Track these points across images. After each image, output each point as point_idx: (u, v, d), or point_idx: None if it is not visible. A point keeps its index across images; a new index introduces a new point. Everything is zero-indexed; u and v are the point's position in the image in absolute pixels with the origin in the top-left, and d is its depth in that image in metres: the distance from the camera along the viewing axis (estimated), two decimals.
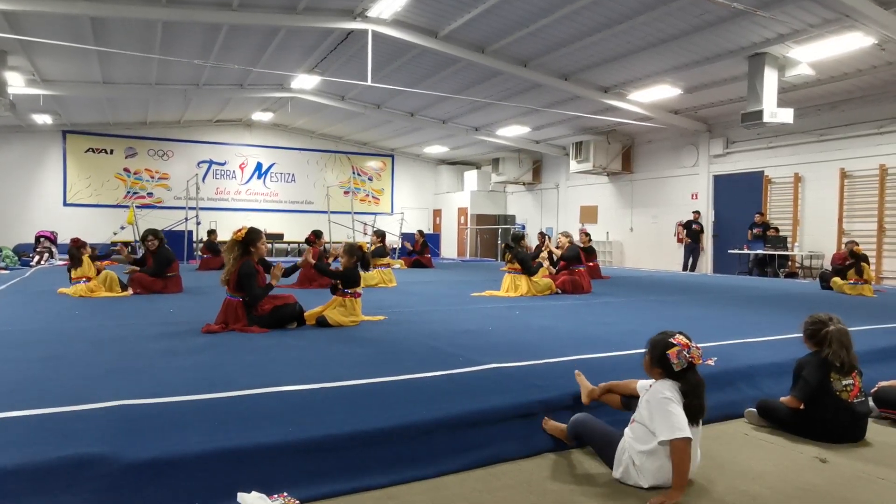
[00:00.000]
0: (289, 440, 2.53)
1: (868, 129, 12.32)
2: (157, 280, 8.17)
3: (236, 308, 5.20)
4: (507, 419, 2.99)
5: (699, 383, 2.62)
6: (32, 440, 2.41)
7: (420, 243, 15.41)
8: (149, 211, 19.21)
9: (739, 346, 4.60)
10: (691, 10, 9.69)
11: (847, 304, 7.72)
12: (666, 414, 2.50)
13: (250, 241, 5.29)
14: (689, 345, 2.61)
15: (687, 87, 13.09)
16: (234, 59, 13.30)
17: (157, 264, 8.17)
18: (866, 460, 2.96)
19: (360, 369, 3.64)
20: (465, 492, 2.53)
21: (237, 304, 5.21)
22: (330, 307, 5.52)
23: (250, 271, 5.19)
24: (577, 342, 4.60)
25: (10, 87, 12.63)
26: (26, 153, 18.82)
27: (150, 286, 8.10)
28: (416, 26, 11.75)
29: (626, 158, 17.90)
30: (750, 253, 13.93)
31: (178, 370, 3.64)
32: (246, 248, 5.27)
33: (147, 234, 8.33)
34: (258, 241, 5.34)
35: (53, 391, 3.11)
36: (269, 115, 19.57)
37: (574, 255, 9.23)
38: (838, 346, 3.23)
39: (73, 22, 10.72)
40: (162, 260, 8.22)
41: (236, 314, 5.17)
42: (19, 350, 4.19)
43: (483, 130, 18.96)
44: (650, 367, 2.68)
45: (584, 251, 10.15)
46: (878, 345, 4.68)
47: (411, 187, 24.57)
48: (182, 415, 2.76)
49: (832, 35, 9.69)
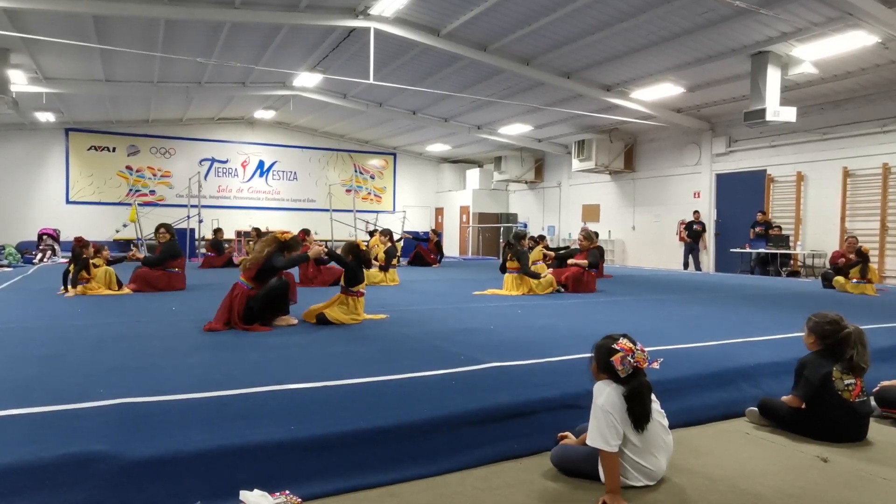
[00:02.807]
0: (291, 438, 2.54)
1: (871, 127, 12.28)
2: (160, 276, 8.21)
3: (243, 295, 5.24)
4: (508, 418, 2.99)
5: (644, 389, 2.56)
6: (35, 438, 2.42)
7: (434, 242, 15.41)
8: (151, 209, 19.21)
9: (741, 344, 4.60)
10: (694, 8, 9.67)
11: (849, 303, 7.71)
12: (595, 421, 2.50)
13: (287, 246, 5.58)
14: (633, 349, 2.55)
15: (689, 86, 13.07)
16: (237, 57, 13.31)
17: (161, 253, 8.34)
18: (868, 460, 2.96)
19: (362, 368, 3.64)
20: (465, 490, 2.53)
21: (245, 292, 5.26)
22: (332, 305, 5.53)
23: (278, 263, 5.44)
24: (578, 341, 4.59)
25: (13, 85, 12.65)
26: (29, 151, 18.86)
27: (154, 282, 8.13)
28: (419, 24, 11.75)
29: (629, 157, 17.88)
30: (752, 252, 13.92)
31: (180, 368, 3.65)
32: (282, 250, 5.54)
33: (160, 227, 8.59)
34: (294, 249, 5.66)
35: (56, 389, 3.11)
36: (271, 113, 19.57)
37: (595, 262, 9.08)
38: (861, 347, 3.22)
39: (76, 20, 10.73)
40: (167, 250, 8.34)
41: (241, 300, 5.21)
42: (22, 348, 4.20)
43: (485, 129, 18.95)
44: (597, 372, 2.65)
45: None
46: (881, 344, 4.66)
47: (413, 185, 24.57)
48: (184, 413, 2.76)
49: (835, 33, 9.66)
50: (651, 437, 2.57)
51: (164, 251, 8.37)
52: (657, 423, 2.62)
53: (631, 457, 2.54)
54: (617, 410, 2.49)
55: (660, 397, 2.76)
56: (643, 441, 2.54)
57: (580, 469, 2.65)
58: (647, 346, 2.72)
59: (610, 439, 2.45)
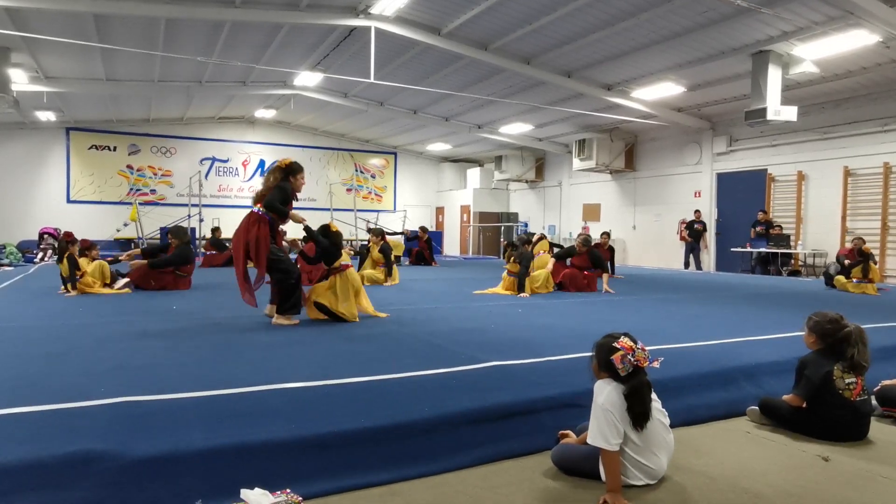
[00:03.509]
0: (291, 437, 2.54)
1: (872, 126, 12.27)
2: (168, 275, 8.23)
3: (258, 221, 5.33)
4: (508, 417, 2.99)
5: (644, 387, 2.55)
6: (36, 436, 2.42)
7: (423, 240, 15.32)
8: (151, 208, 19.24)
9: (742, 343, 4.60)
10: (695, 7, 9.66)
11: (850, 303, 7.71)
12: (595, 420, 2.51)
13: (291, 171, 5.57)
14: (633, 348, 2.54)
15: (690, 85, 13.05)
16: (237, 56, 13.31)
17: (174, 256, 8.35)
18: (869, 459, 2.96)
19: (363, 367, 3.64)
20: (466, 489, 2.54)
21: (260, 217, 5.36)
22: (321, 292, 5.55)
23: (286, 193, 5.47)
24: (578, 340, 4.59)
25: (14, 84, 12.65)
26: (30, 150, 18.86)
27: (158, 279, 8.14)
28: (419, 23, 11.74)
29: (629, 156, 17.87)
30: (753, 251, 13.91)
31: (181, 367, 3.65)
32: (286, 175, 5.56)
33: (178, 231, 8.81)
34: (299, 173, 5.64)
35: (57, 388, 3.12)
36: (271, 112, 19.57)
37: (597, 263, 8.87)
38: (862, 345, 3.22)
39: (77, 19, 10.73)
40: (179, 255, 8.37)
41: (257, 226, 5.30)
42: (23, 346, 4.20)
43: (486, 128, 18.94)
44: (597, 371, 2.64)
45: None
46: (882, 343, 4.66)
47: (414, 185, 24.56)
48: (185, 411, 2.76)
49: (836, 32, 9.64)
50: (652, 435, 2.57)
51: (176, 255, 8.34)
52: (658, 421, 2.62)
53: (632, 455, 2.54)
54: (617, 409, 2.49)
55: (661, 396, 2.76)
56: (644, 440, 2.54)
57: (581, 468, 2.65)
58: (648, 345, 2.71)
59: (610, 438, 2.46)
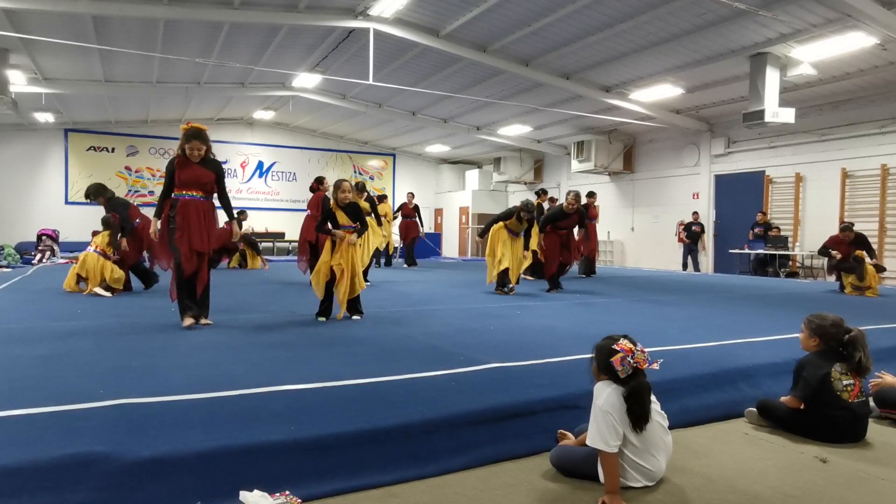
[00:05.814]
0: (291, 439, 2.54)
1: (870, 128, 12.31)
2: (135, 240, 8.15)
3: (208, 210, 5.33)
4: (507, 418, 2.99)
5: (644, 389, 2.55)
6: (35, 438, 2.42)
7: (410, 206, 14.52)
8: (150, 209, 19.19)
9: (740, 345, 4.60)
10: (693, 9, 9.69)
11: (848, 304, 7.72)
12: (595, 422, 2.51)
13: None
14: (632, 350, 2.54)
15: (688, 87, 13.08)
16: (236, 57, 13.31)
17: (121, 219, 8.16)
18: (867, 460, 2.97)
19: (362, 368, 3.64)
20: (466, 490, 2.54)
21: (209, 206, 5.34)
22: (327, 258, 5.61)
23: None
24: (578, 341, 4.59)
25: (12, 86, 12.66)
26: (28, 151, 18.85)
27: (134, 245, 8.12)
28: (418, 25, 11.76)
29: (628, 158, 17.90)
30: (751, 252, 13.93)
31: (181, 368, 3.65)
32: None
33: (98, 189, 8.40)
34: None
35: (56, 389, 3.11)
36: (270, 113, 19.57)
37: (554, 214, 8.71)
38: (866, 349, 3.23)
39: (75, 20, 10.73)
40: (116, 210, 8.19)
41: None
42: (21, 348, 4.19)
43: (484, 130, 18.96)
44: (597, 373, 2.65)
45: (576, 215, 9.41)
46: (880, 345, 4.66)
47: (413, 186, 24.47)
48: (184, 413, 2.76)
49: (834, 35, 9.68)
50: (650, 437, 2.57)
51: (121, 218, 8.12)
52: (657, 423, 2.63)
53: (630, 457, 2.54)
54: (616, 411, 2.49)
55: (659, 398, 2.76)
56: (643, 441, 2.55)
57: (580, 470, 2.65)
58: (647, 346, 2.72)
59: (609, 440, 2.46)
